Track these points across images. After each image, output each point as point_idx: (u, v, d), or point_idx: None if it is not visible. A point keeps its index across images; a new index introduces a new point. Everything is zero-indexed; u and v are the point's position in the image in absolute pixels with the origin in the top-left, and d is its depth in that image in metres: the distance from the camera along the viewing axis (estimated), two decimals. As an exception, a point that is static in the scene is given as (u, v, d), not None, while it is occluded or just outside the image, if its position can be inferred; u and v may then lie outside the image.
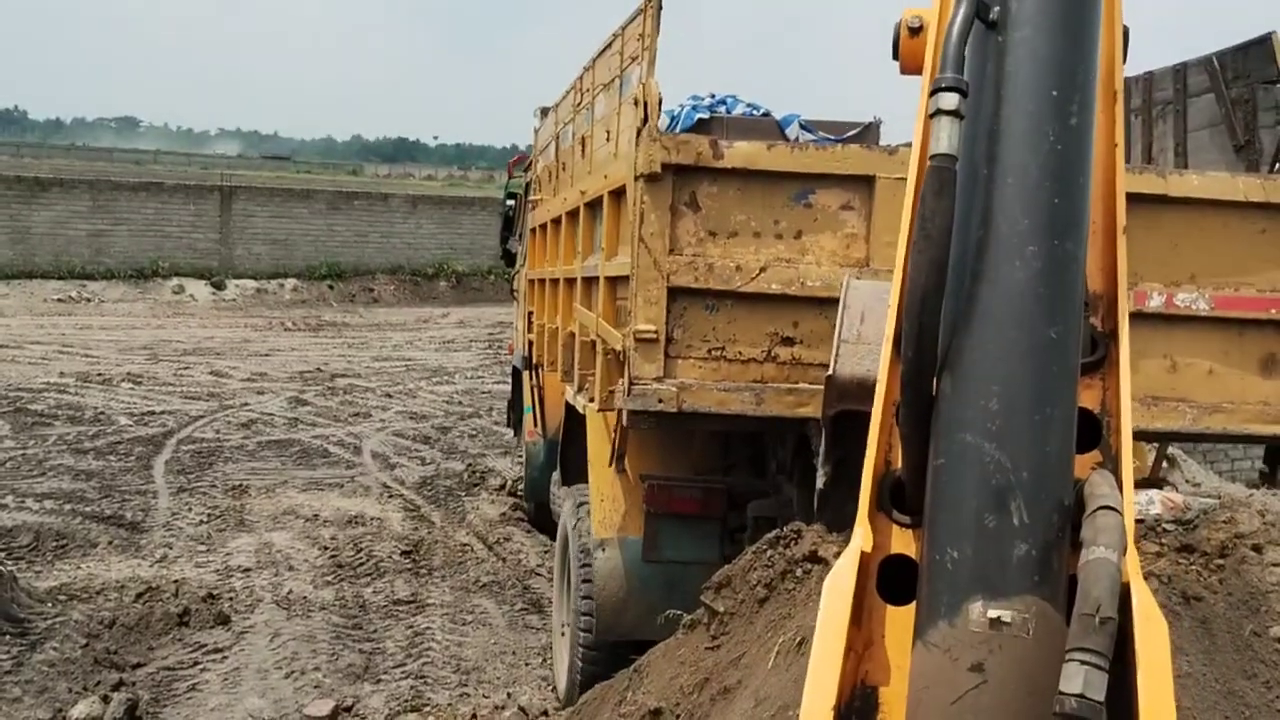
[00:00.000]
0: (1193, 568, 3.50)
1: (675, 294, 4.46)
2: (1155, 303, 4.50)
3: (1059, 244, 1.90)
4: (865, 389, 3.85)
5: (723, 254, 4.48)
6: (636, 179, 4.41)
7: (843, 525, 3.92)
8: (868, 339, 3.83)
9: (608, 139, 5.29)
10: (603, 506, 5.35)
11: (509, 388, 11.05)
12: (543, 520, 8.61)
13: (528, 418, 8.93)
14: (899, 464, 2.01)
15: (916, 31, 2.36)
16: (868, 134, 7.24)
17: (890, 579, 1.95)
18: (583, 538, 5.42)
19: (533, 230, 8.65)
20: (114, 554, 8.02)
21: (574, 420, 6.28)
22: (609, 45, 5.32)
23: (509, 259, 10.91)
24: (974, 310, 1.88)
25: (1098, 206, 2.10)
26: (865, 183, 4.48)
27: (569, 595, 5.71)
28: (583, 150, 6.15)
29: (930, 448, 1.90)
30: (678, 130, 6.29)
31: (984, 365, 1.86)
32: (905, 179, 4.33)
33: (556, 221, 7.01)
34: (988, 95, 1.98)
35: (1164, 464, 9.98)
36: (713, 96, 7.51)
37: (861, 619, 1.89)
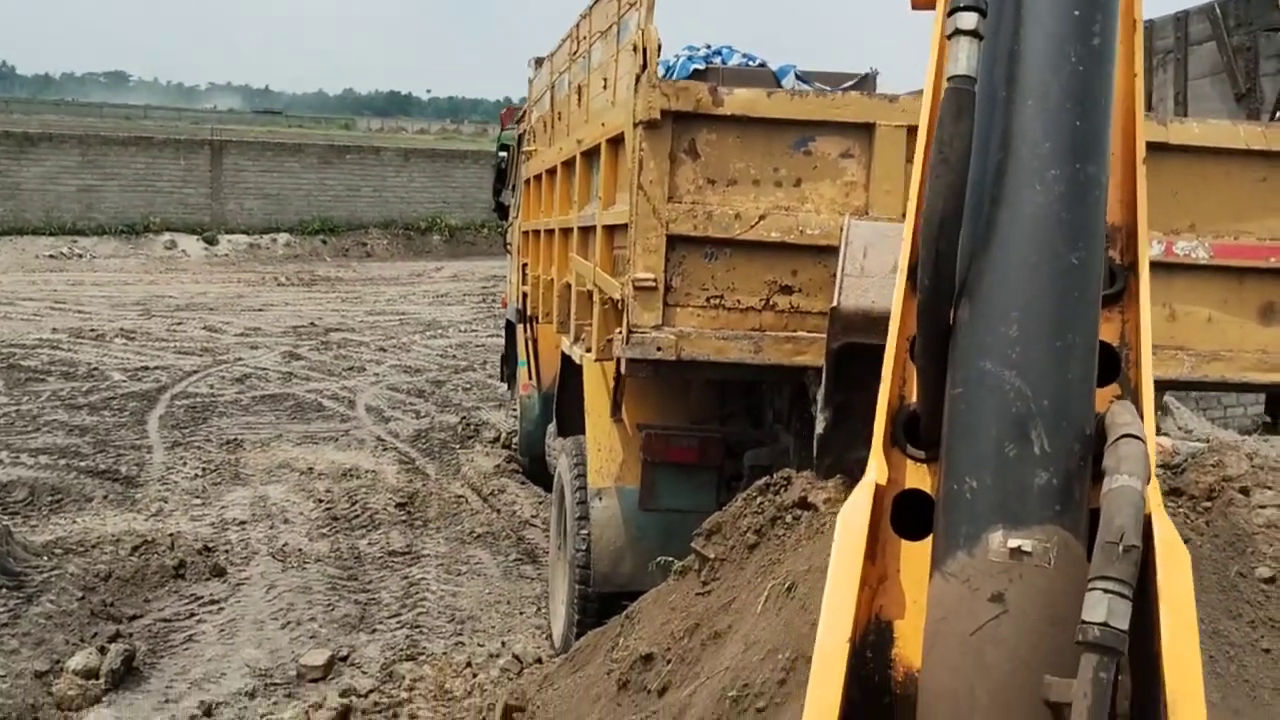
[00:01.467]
0: (1180, 510, 3.51)
1: (674, 242, 4.44)
2: (1154, 251, 4.40)
3: (1081, 167, 1.86)
4: (870, 321, 3.86)
5: (722, 202, 4.45)
6: (635, 126, 4.38)
7: (842, 471, 3.94)
8: (871, 272, 3.81)
9: (605, 87, 5.23)
10: (600, 456, 5.35)
11: (502, 341, 11.07)
12: (537, 474, 8.63)
13: (522, 371, 8.92)
14: (913, 399, 1.98)
15: None
16: (864, 84, 7.23)
17: (905, 514, 1.92)
18: (580, 487, 5.44)
19: (526, 182, 8.60)
20: (109, 508, 8.04)
21: (570, 371, 6.27)
22: None
23: (502, 212, 10.86)
24: (993, 236, 1.84)
25: (1117, 136, 2.07)
26: (865, 130, 4.45)
27: (566, 545, 5.72)
28: (579, 99, 6.10)
29: (948, 377, 1.86)
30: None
31: (1004, 292, 1.81)
32: (904, 127, 4.41)
33: (552, 172, 6.96)
34: (1007, 15, 1.93)
35: (1158, 411, 10.00)
36: (708, 47, 7.43)
37: (876, 554, 1.86)
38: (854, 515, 1.84)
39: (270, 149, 28.02)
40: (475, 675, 5.52)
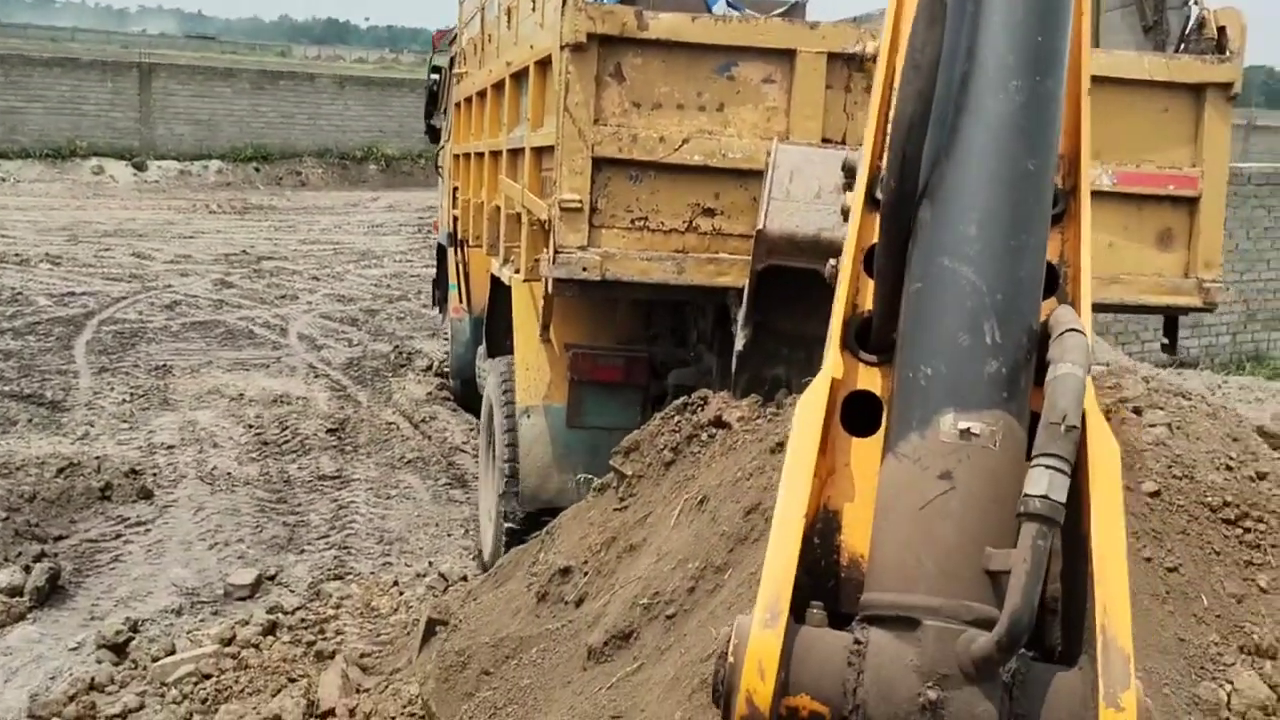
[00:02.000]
0: (1076, 429, 3.66)
1: (600, 164, 4.52)
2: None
3: (1040, 80, 1.96)
4: (794, 244, 3.96)
5: (647, 125, 4.53)
6: (562, 49, 4.43)
7: (759, 388, 4.04)
8: (796, 196, 3.91)
9: (534, 9, 5.26)
10: (528, 375, 5.44)
11: (435, 270, 11.08)
12: (468, 397, 8.69)
13: (453, 295, 8.94)
14: (866, 307, 2.08)
15: None
16: (794, 11, 7.14)
17: (854, 413, 2.01)
18: (508, 406, 5.53)
19: (457, 105, 8.56)
20: (34, 432, 7.98)
21: (500, 293, 6.36)
22: None
23: (433, 135, 10.79)
24: (956, 141, 1.94)
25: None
26: (787, 56, 4.54)
27: (494, 464, 5.80)
28: (509, 21, 6.11)
29: (906, 275, 1.95)
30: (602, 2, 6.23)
31: (964, 194, 1.91)
32: (824, 54, 4.50)
33: (482, 94, 6.97)
34: None
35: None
36: None
37: (825, 448, 1.94)
38: (812, 400, 1.93)
39: (201, 73, 27.37)
40: (402, 593, 5.60)
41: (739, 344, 3.96)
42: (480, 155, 7.00)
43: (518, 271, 5.43)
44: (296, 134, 27.24)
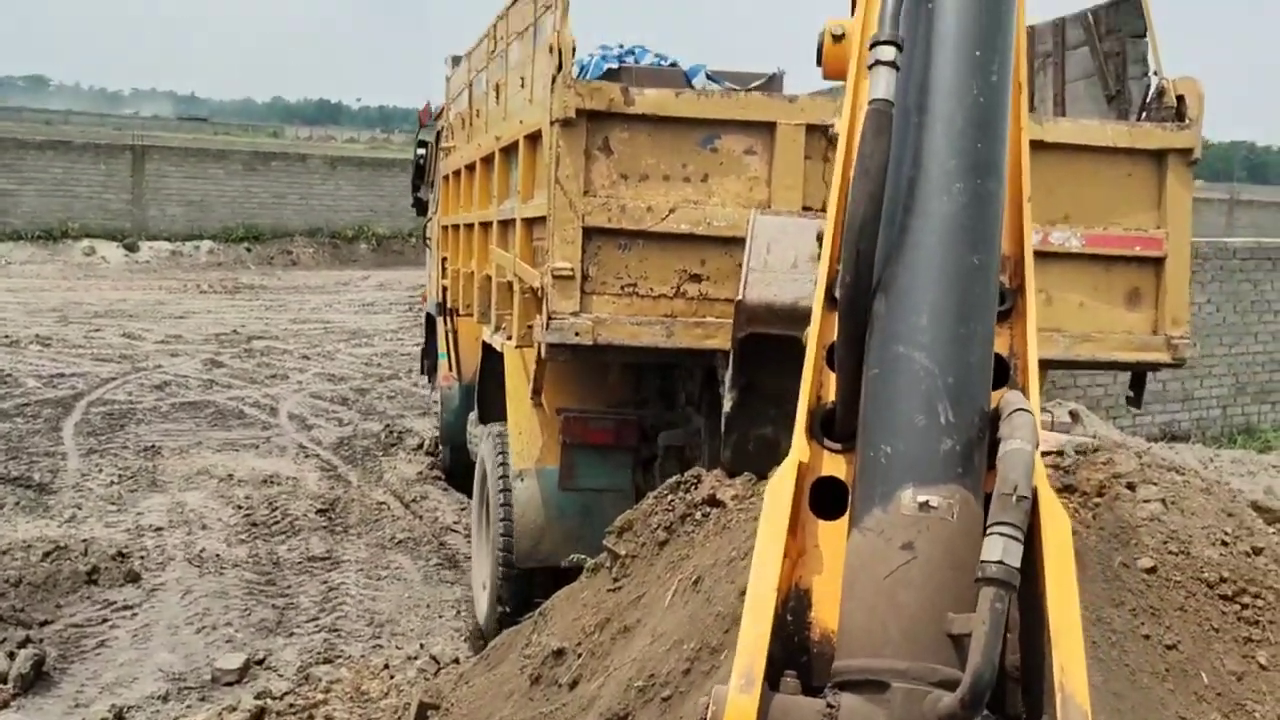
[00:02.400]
0: (1071, 504, 3.65)
1: (590, 234, 4.70)
2: (1033, 240, 4.64)
3: (981, 183, 2.13)
4: (772, 312, 4.03)
5: (634, 196, 4.74)
6: (552, 124, 4.63)
7: (746, 448, 4.07)
8: (774, 267, 3.98)
9: (522, 85, 5.42)
10: (521, 439, 5.59)
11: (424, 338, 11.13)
12: (457, 465, 8.68)
13: (442, 363, 9.01)
14: (829, 399, 2.21)
15: (839, 39, 2.62)
16: (771, 84, 7.56)
17: (821, 499, 2.12)
18: (502, 469, 5.66)
19: (445, 177, 8.71)
20: (20, 515, 7.90)
21: (491, 359, 6.47)
22: None
23: (420, 207, 10.96)
24: (906, 239, 2.10)
25: (1007, 181, 2.31)
26: (767, 129, 4.76)
27: (488, 527, 5.89)
28: (497, 96, 6.27)
29: (865, 362, 2.09)
30: (588, 79, 6.42)
31: (915, 287, 2.06)
32: (803, 125, 4.70)
33: (471, 167, 7.13)
34: (919, 53, 2.24)
35: (1069, 418, 10.25)
36: (621, 47, 7.65)
37: (796, 530, 2.05)
38: (780, 484, 2.05)
39: (194, 154, 27.61)
40: (393, 677, 5.53)
41: (726, 406, 4.03)
42: (470, 226, 7.12)
43: (510, 338, 5.53)
44: (288, 214, 27.41)
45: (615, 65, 7.17)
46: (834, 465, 2.15)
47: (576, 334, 4.68)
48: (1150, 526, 3.48)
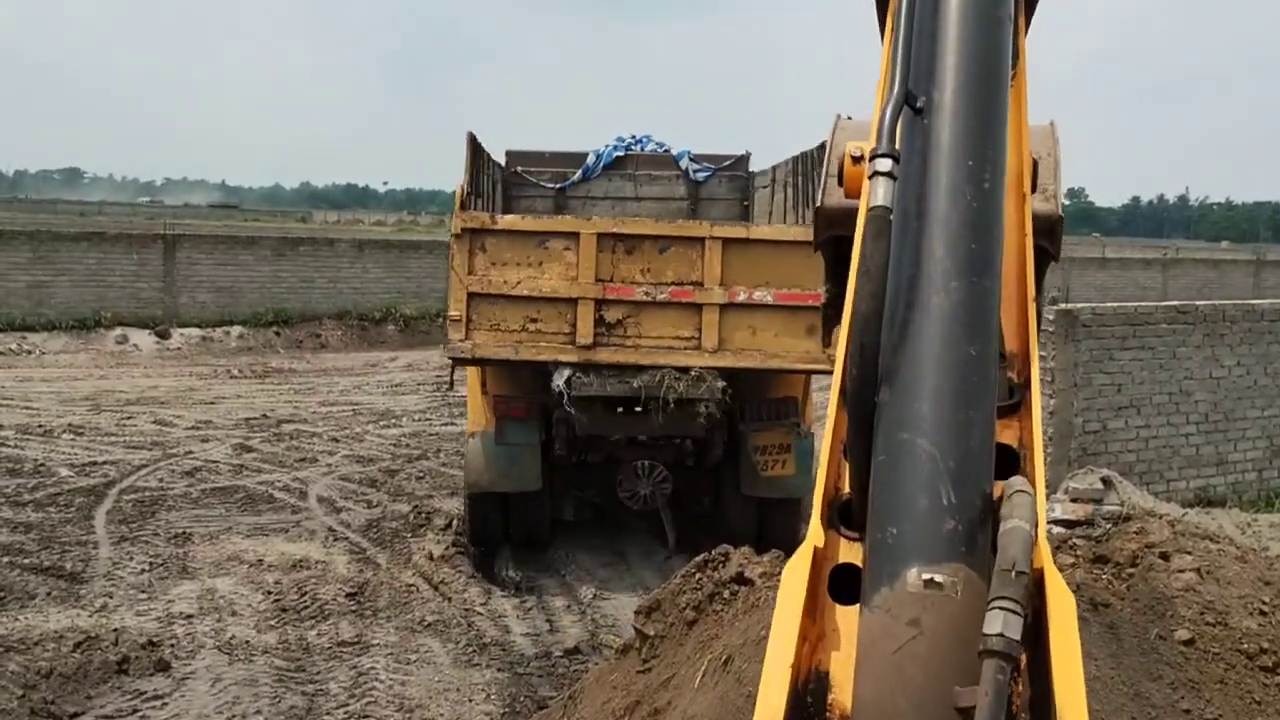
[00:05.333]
0: (1104, 577, 3.60)
1: (471, 296, 8.38)
2: (742, 297, 8.39)
3: (976, 280, 2.26)
4: (848, 215, 4.23)
5: (498, 274, 8.39)
6: (452, 236, 8.62)
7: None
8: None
9: (452, 213, 9.15)
10: (472, 415, 9.54)
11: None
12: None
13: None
14: (846, 489, 2.30)
15: (858, 160, 2.81)
16: (740, 163, 11.81)
17: (840, 585, 2.20)
18: (464, 433, 9.96)
19: None
20: (52, 605, 7.92)
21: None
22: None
23: None
24: (907, 332, 2.22)
25: (1010, 280, 2.50)
26: (575, 235, 8.43)
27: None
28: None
29: (873, 449, 2.18)
30: (600, 165, 11.00)
31: (917, 377, 2.16)
32: (595, 234, 8.27)
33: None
34: (915, 163, 2.41)
35: (1102, 485, 10.14)
36: (633, 136, 11.22)
37: (815, 614, 2.13)
38: (796, 568, 2.12)
39: (224, 242, 27.98)
40: (423, 764, 5.46)
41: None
42: None
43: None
44: (316, 297, 27.68)
45: (623, 152, 10.62)
46: (851, 553, 2.22)
47: (462, 352, 8.42)
48: (1186, 597, 3.42)
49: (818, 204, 4.36)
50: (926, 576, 1.95)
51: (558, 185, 12.62)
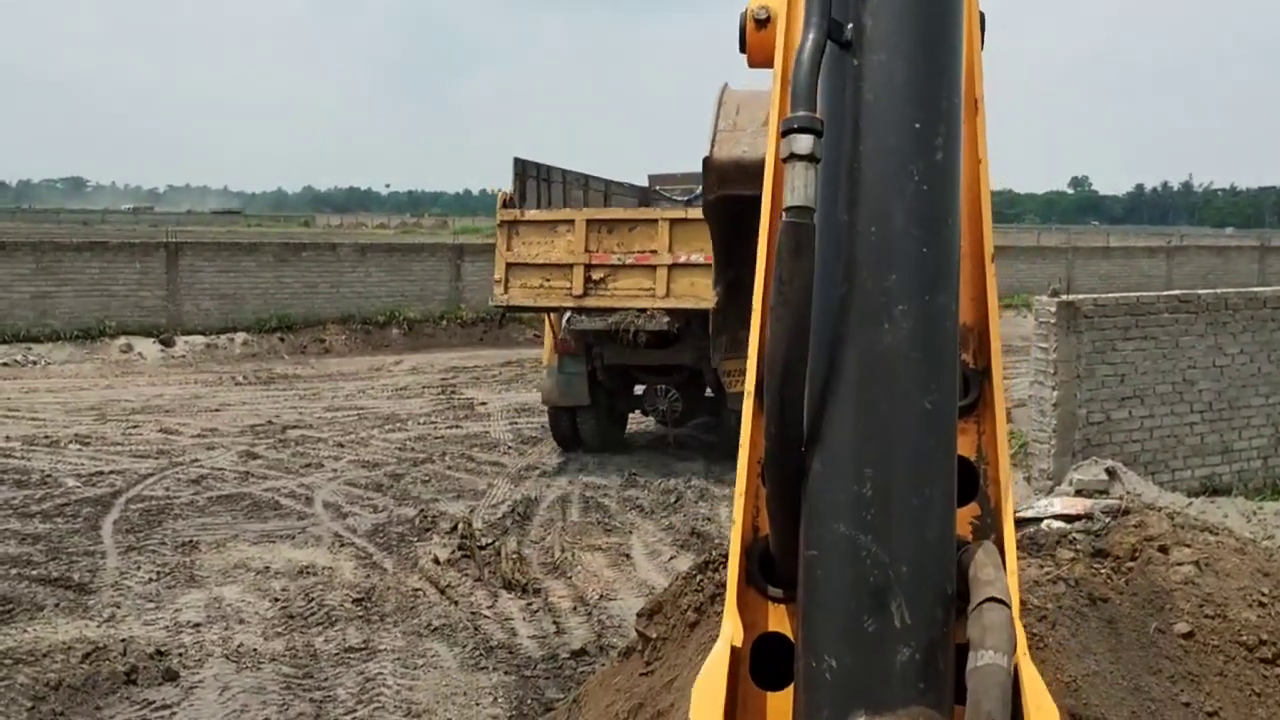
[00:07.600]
0: (1103, 571, 3.61)
1: (510, 266, 12.64)
2: (683, 259, 11.65)
3: (930, 299, 1.69)
4: (740, 169, 4.22)
5: (525, 249, 12.57)
6: (497, 225, 12.94)
7: (736, 346, 6.10)
8: (742, 126, 4.20)
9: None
10: (546, 354, 13.55)
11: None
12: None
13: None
14: (766, 530, 1.84)
15: (763, 23, 2.20)
16: (695, 201, 15.05)
17: (766, 660, 1.83)
18: (542, 364, 13.92)
19: None
20: (61, 616, 7.95)
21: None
22: None
23: None
24: (839, 380, 1.68)
25: (965, 232, 1.86)
26: (572, 222, 12.38)
27: None
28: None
29: (802, 532, 1.72)
30: None
31: (854, 445, 1.67)
32: (585, 220, 10.86)
33: None
34: (846, 127, 1.76)
35: (1106, 476, 10.15)
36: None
37: (735, 711, 1.74)
38: (709, 684, 1.70)
39: (226, 249, 28.04)
40: (430, 769, 5.48)
41: (713, 303, 5.39)
42: None
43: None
44: (319, 302, 27.72)
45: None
46: (778, 617, 1.83)
47: (501, 302, 12.86)
48: (1185, 590, 3.43)
49: (705, 155, 3.86)
50: None
51: (687, 199, 15.84)
